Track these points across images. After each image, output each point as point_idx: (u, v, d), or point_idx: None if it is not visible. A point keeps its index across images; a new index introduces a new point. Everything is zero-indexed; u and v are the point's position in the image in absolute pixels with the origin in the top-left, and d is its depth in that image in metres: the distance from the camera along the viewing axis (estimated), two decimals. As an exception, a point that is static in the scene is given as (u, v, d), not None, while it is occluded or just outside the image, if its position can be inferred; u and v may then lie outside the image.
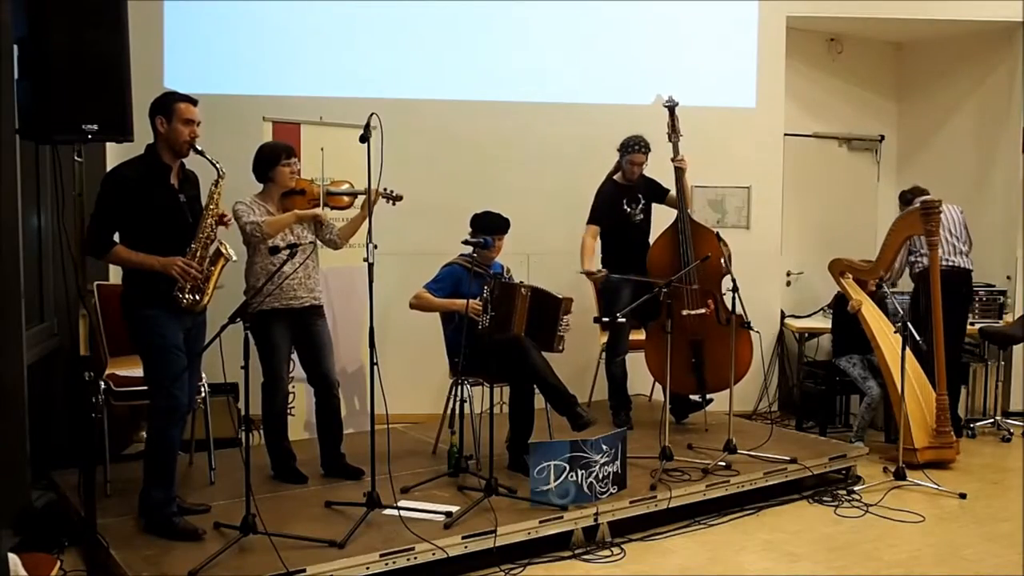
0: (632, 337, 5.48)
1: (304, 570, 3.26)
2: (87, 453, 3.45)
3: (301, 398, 5.14)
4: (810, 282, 6.83)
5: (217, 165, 3.62)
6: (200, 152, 3.60)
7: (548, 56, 6.21)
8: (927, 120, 7.19)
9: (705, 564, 3.84)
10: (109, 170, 3.70)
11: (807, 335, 6.55)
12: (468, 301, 4.29)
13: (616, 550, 3.92)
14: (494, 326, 4.27)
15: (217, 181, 3.65)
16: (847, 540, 4.12)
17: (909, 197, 5.82)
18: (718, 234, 5.07)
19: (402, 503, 3.91)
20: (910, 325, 4.87)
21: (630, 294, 5.10)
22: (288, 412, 4.49)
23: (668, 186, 5.41)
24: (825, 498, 4.64)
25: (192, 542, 3.51)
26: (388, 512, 3.77)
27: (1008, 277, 6.58)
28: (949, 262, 5.73)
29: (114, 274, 4.56)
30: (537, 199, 6.00)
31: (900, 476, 4.87)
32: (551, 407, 4.48)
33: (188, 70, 5.73)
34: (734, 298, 4.70)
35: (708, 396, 5.34)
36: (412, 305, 4.64)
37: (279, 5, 5.89)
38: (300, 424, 5.18)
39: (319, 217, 4.34)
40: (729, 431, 4.78)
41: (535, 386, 4.43)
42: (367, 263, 3.78)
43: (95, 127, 3.32)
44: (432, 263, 4.78)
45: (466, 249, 4.60)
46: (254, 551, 3.39)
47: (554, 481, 3.92)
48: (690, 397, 5.45)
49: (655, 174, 5.45)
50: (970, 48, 6.87)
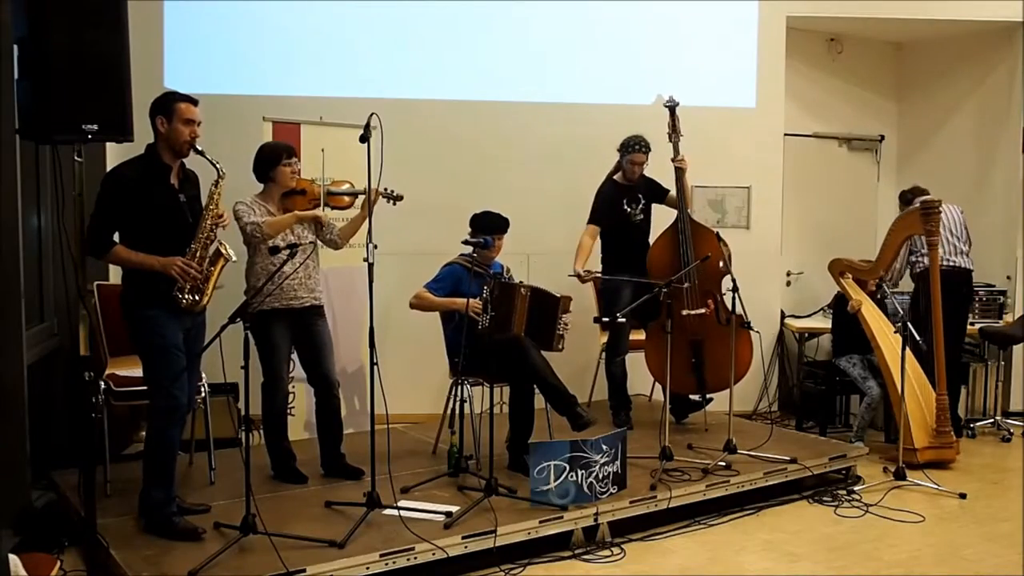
0: (632, 337, 5.48)
1: (304, 570, 3.26)
2: (87, 453, 3.45)
3: (301, 398, 5.14)
4: (810, 282, 6.83)
5: (217, 165, 3.62)
6: (200, 152, 3.60)
7: (548, 56, 6.21)
8: (927, 120, 7.19)
9: (705, 564, 3.84)
10: (109, 170, 3.70)
11: (807, 335, 6.55)
12: (468, 300, 4.30)
13: (616, 550, 3.92)
14: (494, 326, 4.27)
15: (217, 181, 3.65)
16: (847, 540, 4.12)
17: (909, 197, 5.82)
18: (718, 234, 5.07)
19: (402, 503, 3.91)
20: (910, 325, 4.88)
21: (630, 294, 5.10)
22: (288, 412, 4.49)
23: (668, 186, 5.41)
24: (825, 498, 4.64)
25: (192, 542, 3.51)
26: (388, 512, 3.77)
27: (1008, 277, 6.57)
28: (950, 262, 5.72)
29: (114, 274, 4.56)
30: (537, 199, 6.00)
31: (900, 476, 4.87)
32: (551, 407, 4.48)
33: (188, 70, 5.73)
34: (734, 298, 4.70)
35: (708, 396, 5.34)
36: (412, 305, 4.64)
37: (279, 5, 5.89)
38: (300, 424, 5.18)
39: (319, 218, 4.34)
40: (729, 431, 4.78)
41: (535, 386, 4.43)
42: (367, 263, 3.78)
43: (95, 127, 3.32)
44: (432, 263, 4.78)
45: (466, 249, 4.61)
46: (254, 551, 3.39)
47: (554, 481, 3.91)
48: (690, 397, 5.45)
49: (655, 174, 5.45)
50: (970, 48, 6.87)
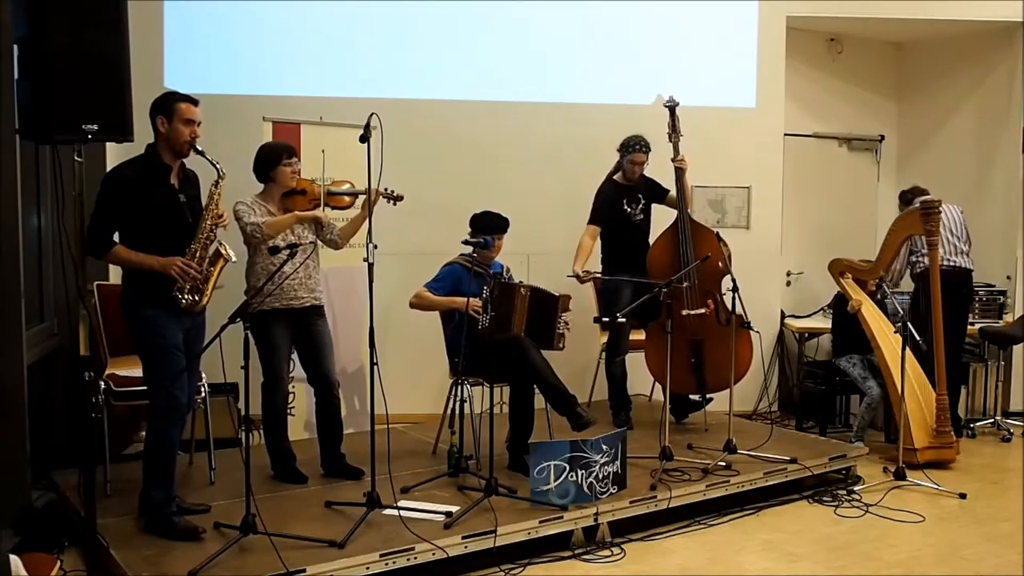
0: (632, 337, 5.48)
1: (304, 570, 3.26)
2: (87, 453, 3.45)
3: (301, 398, 5.14)
4: (810, 282, 6.83)
5: (217, 166, 3.62)
6: (200, 152, 3.59)
7: (548, 56, 6.21)
8: (927, 120, 7.19)
9: (705, 564, 3.84)
10: (109, 170, 3.70)
11: (807, 335, 6.55)
12: (468, 299, 4.30)
13: (616, 550, 3.92)
14: (494, 326, 4.27)
15: (217, 182, 3.65)
16: (847, 540, 4.11)
17: (909, 197, 5.82)
18: (718, 234, 5.07)
19: (402, 503, 3.91)
20: (910, 325, 4.87)
21: (630, 294, 5.10)
22: (288, 412, 4.49)
23: (668, 186, 5.41)
24: (825, 498, 4.64)
25: (192, 542, 3.51)
26: (388, 512, 3.77)
27: (1008, 277, 6.57)
28: (950, 262, 5.72)
29: (114, 274, 4.56)
30: (537, 199, 6.00)
31: (900, 476, 4.87)
32: (551, 407, 4.48)
33: (188, 70, 5.73)
34: (734, 298, 4.70)
35: (708, 396, 5.34)
36: (412, 304, 4.64)
37: (279, 5, 5.88)
38: (300, 424, 5.18)
39: (319, 219, 4.34)
40: (729, 431, 4.78)
41: (535, 386, 4.43)
42: (367, 263, 3.78)
43: (95, 127, 3.32)
44: (432, 263, 4.78)
45: (466, 249, 4.61)
46: (254, 551, 3.39)
47: (554, 481, 3.91)
48: (690, 397, 5.45)
49: (655, 174, 5.44)
50: (970, 48, 6.87)
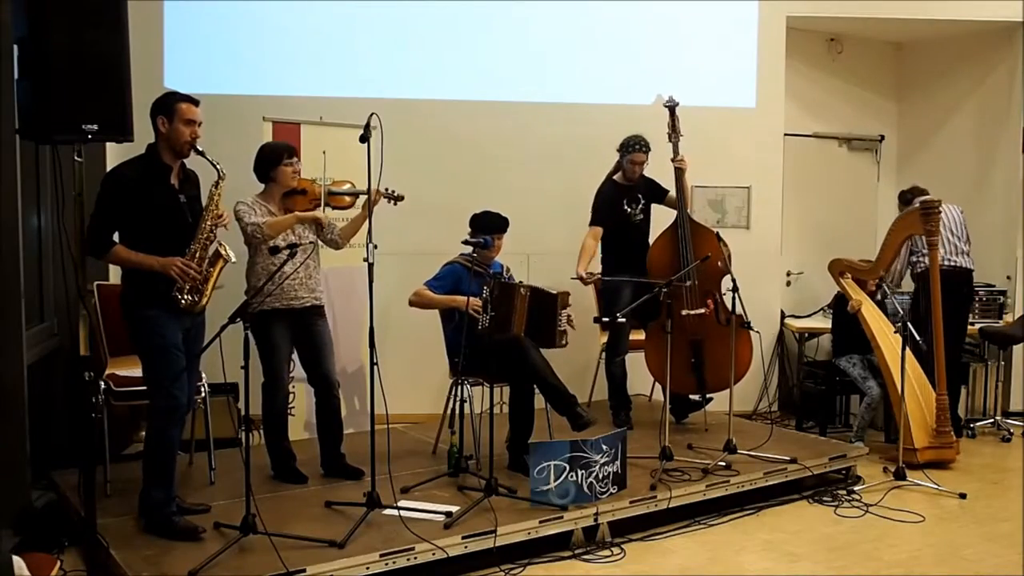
0: (632, 337, 5.48)
1: (304, 570, 3.26)
2: (87, 453, 3.44)
3: (301, 398, 5.14)
4: (810, 282, 6.83)
5: (218, 166, 3.61)
6: (201, 153, 3.59)
7: (548, 56, 6.21)
8: (927, 120, 7.19)
9: (705, 564, 3.84)
10: (109, 170, 3.70)
11: (807, 335, 6.55)
12: (468, 298, 4.30)
13: (616, 550, 3.92)
14: (494, 326, 4.27)
15: (217, 182, 3.65)
16: (847, 540, 4.12)
17: (909, 197, 5.82)
18: (718, 234, 5.07)
19: (402, 503, 3.91)
20: (910, 325, 4.87)
21: (630, 294, 5.10)
22: (288, 412, 4.49)
23: (668, 187, 5.41)
24: (825, 498, 4.64)
25: (192, 542, 3.51)
26: (388, 512, 3.77)
27: (1008, 277, 6.57)
28: (951, 262, 5.72)
29: (114, 274, 4.56)
30: (537, 199, 6.01)
31: (900, 476, 4.87)
32: (551, 407, 4.48)
33: (188, 70, 5.73)
34: (734, 298, 4.70)
35: (708, 396, 5.34)
36: (412, 302, 4.64)
37: (279, 5, 5.88)
38: (300, 424, 5.18)
39: (319, 219, 4.34)
40: (729, 431, 4.78)
41: (535, 386, 4.43)
42: (367, 263, 3.78)
43: (95, 127, 3.32)
44: (432, 263, 4.78)
45: (466, 249, 4.61)
46: (254, 551, 3.39)
47: (554, 481, 3.91)
48: (690, 397, 5.45)
49: (655, 174, 5.44)
50: (970, 48, 6.87)
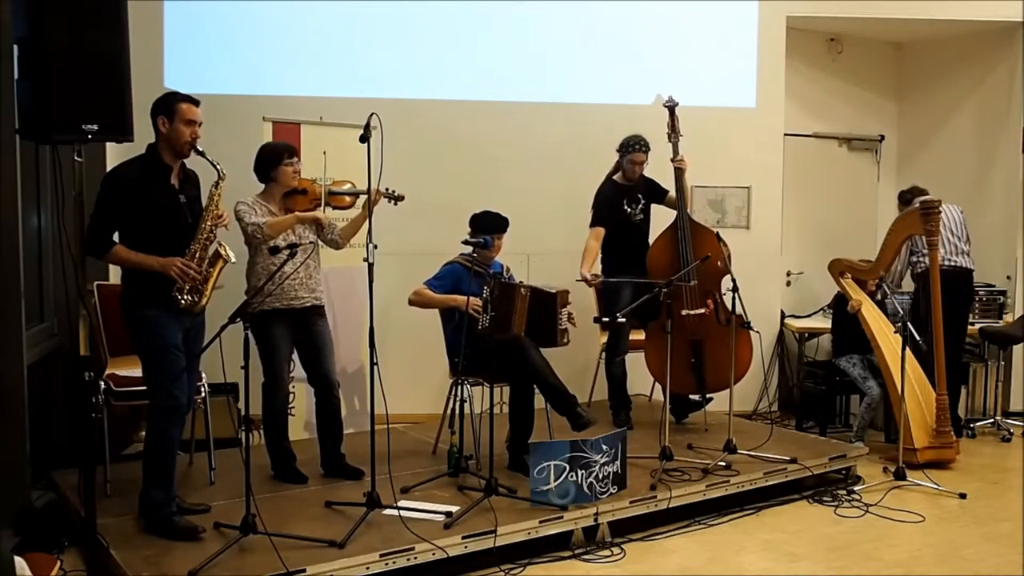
0: (632, 337, 5.48)
1: (304, 570, 3.26)
2: (87, 453, 3.44)
3: (301, 398, 5.14)
4: (810, 282, 6.83)
5: (218, 167, 3.61)
6: (201, 153, 3.60)
7: (548, 56, 6.21)
8: (927, 120, 7.19)
9: (705, 564, 3.84)
10: (109, 170, 3.70)
11: (807, 335, 6.55)
12: (469, 298, 4.30)
13: (616, 550, 3.92)
14: (494, 326, 4.27)
15: (217, 183, 3.65)
16: (847, 540, 4.12)
17: (908, 197, 5.82)
18: (718, 234, 5.07)
19: (402, 503, 3.91)
20: (910, 325, 4.87)
21: (630, 294, 5.10)
22: (288, 412, 4.49)
23: (668, 187, 5.41)
24: (825, 498, 4.64)
25: (192, 542, 3.51)
26: (388, 512, 3.77)
27: (1008, 277, 6.58)
28: (951, 262, 5.72)
29: (114, 274, 4.56)
30: (537, 199, 6.01)
31: (900, 476, 4.87)
32: (551, 407, 4.48)
33: (188, 70, 5.73)
34: (734, 298, 4.70)
35: (708, 396, 5.34)
36: (411, 301, 4.63)
37: (279, 5, 5.89)
38: (300, 424, 5.18)
39: (320, 220, 4.33)
40: (729, 431, 4.78)
41: (535, 386, 4.43)
42: (367, 263, 3.78)
43: (95, 127, 3.32)
44: (432, 263, 4.78)
45: (466, 249, 4.61)
46: (254, 551, 3.39)
47: (554, 481, 3.91)
48: (690, 397, 5.45)
49: (655, 174, 5.44)
50: (970, 48, 6.87)
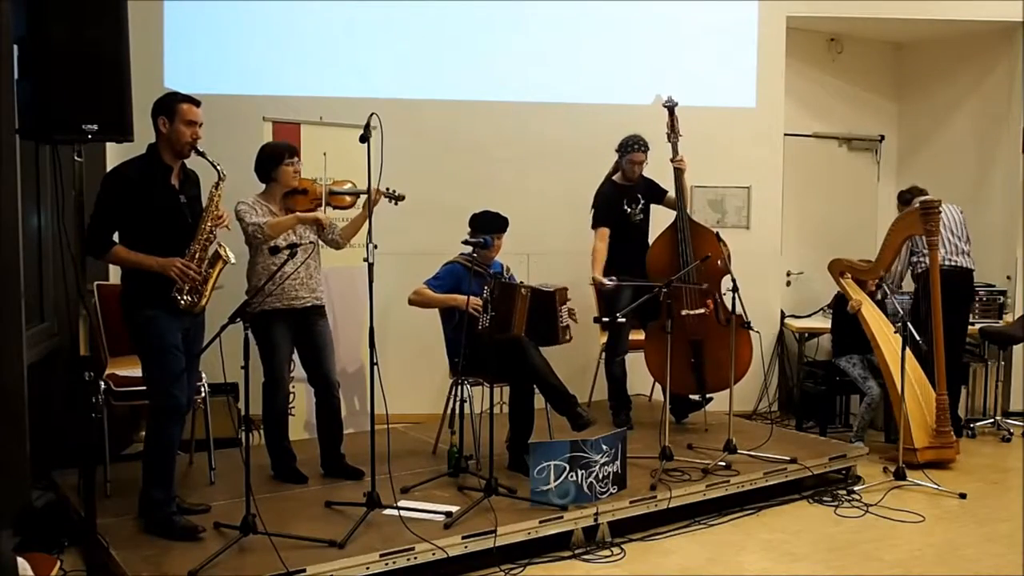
0: (632, 337, 5.48)
1: (304, 570, 3.26)
2: (87, 453, 3.45)
3: (301, 398, 5.14)
4: (810, 282, 6.83)
5: (218, 167, 3.61)
6: (202, 154, 3.60)
7: (548, 56, 6.21)
8: (927, 120, 7.19)
9: (705, 564, 3.84)
10: (110, 170, 3.70)
11: (807, 335, 6.54)
12: (469, 298, 4.30)
13: (616, 550, 3.92)
14: (494, 326, 4.27)
15: (217, 183, 3.64)
16: (847, 540, 4.12)
17: (908, 197, 5.81)
18: (718, 234, 5.07)
19: (402, 503, 3.91)
20: (910, 325, 4.87)
21: (630, 294, 5.10)
22: (288, 412, 4.49)
23: (667, 187, 5.41)
24: (825, 498, 4.64)
25: (192, 542, 3.51)
26: (388, 512, 3.77)
27: (1008, 277, 6.58)
28: (951, 262, 5.72)
29: (114, 274, 4.56)
30: (537, 199, 6.01)
31: (900, 476, 4.87)
32: (551, 407, 4.48)
33: (188, 70, 5.73)
34: (734, 298, 4.70)
35: (708, 396, 5.34)
36: (411, 301, 4.63)
37: (279, 5, 5.89)
38: (300, 424, 5.18)
39: (320, 220, 4.33)
40: (729, 431, 4.78)
41: (535, 386, 4.43)
42: (367, 263, 3.78)
43: (95, 127, 3.32)
44: (432, 263, 4.78)
45: (466, 249, 4.61)
46: (254, 551, 3.39)
47: (554, 481, 3.91)
48: (690, 397, 5.45)
49: (654, 174, 5.44)
50: (970, 48, 6.87)
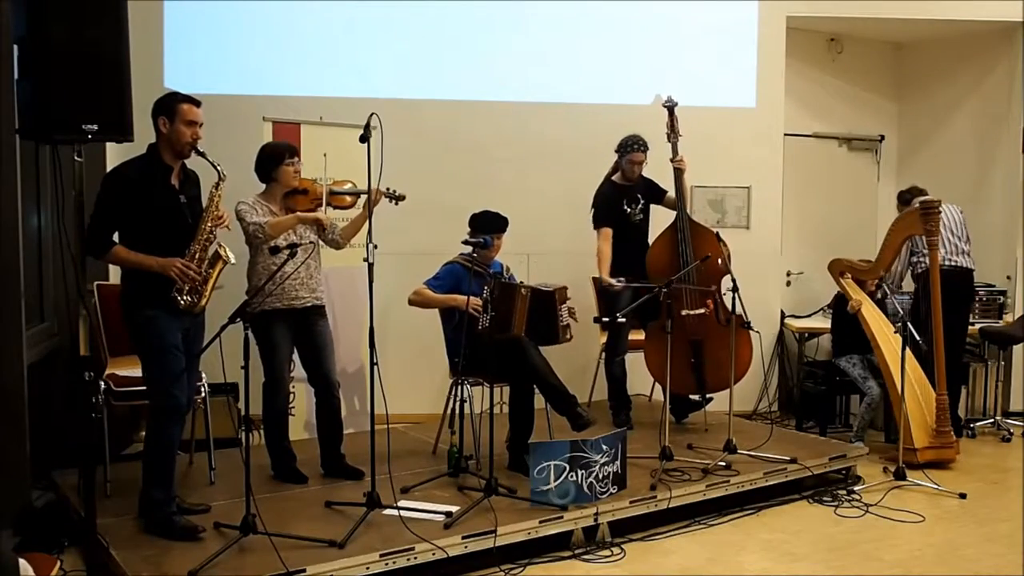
0: (632, 337, 5.48)
1: (304, 570, 3.26)
2: (87, 453, 3.45)
3: (301, 398, 5.14)
4: (810, 282, 6.83)
5: (218, 168, 3.61)
6: (202, 154, 3.60)
7: (548, 56, 6.21)
8: (927, 120, 7.19)
9: (705, 564, 3.84)
10: (110, 170, 3.70)
11: (807, 335, 6.54)
12: (469, 298, 4.30)
13: (616, 550, 3.92)
14: (494, 326, 4.27)
15: (218, 183, 3.64)
16: (847, 540, 4.12)
17: (908, 197, 5.81)
18: (718, 234, 5.07)
19: (402, 503, 3.91)
20: (910, 325, 4.87)
21: (630, 294, 5.11)
22: (288, 412, 4.49)
23: (667, 187, 5.41)
24: (825, 498, 4.64)
25: (192, 542, 3.51)
26: (388, 512, 3.77)
27: (1008, 277, 6.58)
28: (952, 262, 5.71)
29: (114, 274, 4.56)
30: (537, 199, 6.01)
31: (900, 476, 4.87)
32: (551, 407, 4.48)
33: (188, 70, 5.73)
34: (734, 298, 4.70)
35: (708, 396, 5.34)
36: (411, 301, 4.63)
37: (279, 5, 5.89)
38: (300, 424, 5.18)
39: (320, 220, 4.33)
40: (729, 431, 4.78)
41: (535, 386, 4.43)
42: (367, 263, 3.78)
43: (95, 127, 3.32)
44: (432, 263, 4.78)
45: (466, 249, 4.61)
46: (254, 551, 3.39)
47: (554, 481, 3.91)
48: (690, 397, 5.45)
49: (654, 174, 5.44)
50: (970, 48, 6.87)
